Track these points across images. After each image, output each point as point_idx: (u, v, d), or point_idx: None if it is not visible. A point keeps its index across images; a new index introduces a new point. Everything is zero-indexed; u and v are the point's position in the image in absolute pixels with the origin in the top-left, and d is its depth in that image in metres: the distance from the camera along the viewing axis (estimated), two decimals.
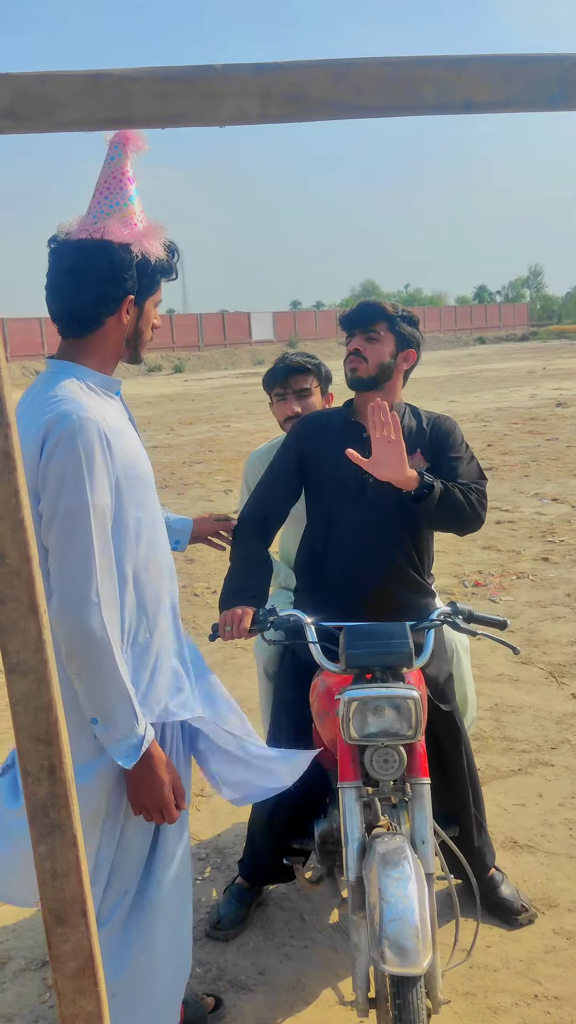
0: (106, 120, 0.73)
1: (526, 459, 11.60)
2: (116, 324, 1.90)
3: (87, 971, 0.88)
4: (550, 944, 2.68)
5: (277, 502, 2.66)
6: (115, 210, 1.85)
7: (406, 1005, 1.82)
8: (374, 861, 1.93)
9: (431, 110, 0.74)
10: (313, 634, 2.28)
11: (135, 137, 1.85)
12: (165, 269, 1.95)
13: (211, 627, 2.38)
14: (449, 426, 2.64)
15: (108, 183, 1.86)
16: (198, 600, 6.32)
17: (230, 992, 2.55)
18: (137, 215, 1.88)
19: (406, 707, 2.07)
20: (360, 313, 2.58)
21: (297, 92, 0.73)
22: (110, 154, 1.85)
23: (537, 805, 3.45)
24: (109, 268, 1.84)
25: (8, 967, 2.71)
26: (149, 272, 1.90)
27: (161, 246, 1.91)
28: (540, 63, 0.75)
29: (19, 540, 0.79)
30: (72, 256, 1.85)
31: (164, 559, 2.01)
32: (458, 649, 2.96)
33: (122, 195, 1.86)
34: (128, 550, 1.85)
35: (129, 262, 1.85)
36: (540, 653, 5.00)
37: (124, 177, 1.86)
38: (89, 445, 1.73)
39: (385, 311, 2.55)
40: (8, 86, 0.72)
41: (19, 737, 0.82)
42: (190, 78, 0.73)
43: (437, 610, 2.37)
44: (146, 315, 1.97)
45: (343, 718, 2.08)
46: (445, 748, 2.61)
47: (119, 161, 1.85)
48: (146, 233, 1.88)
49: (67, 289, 1.87)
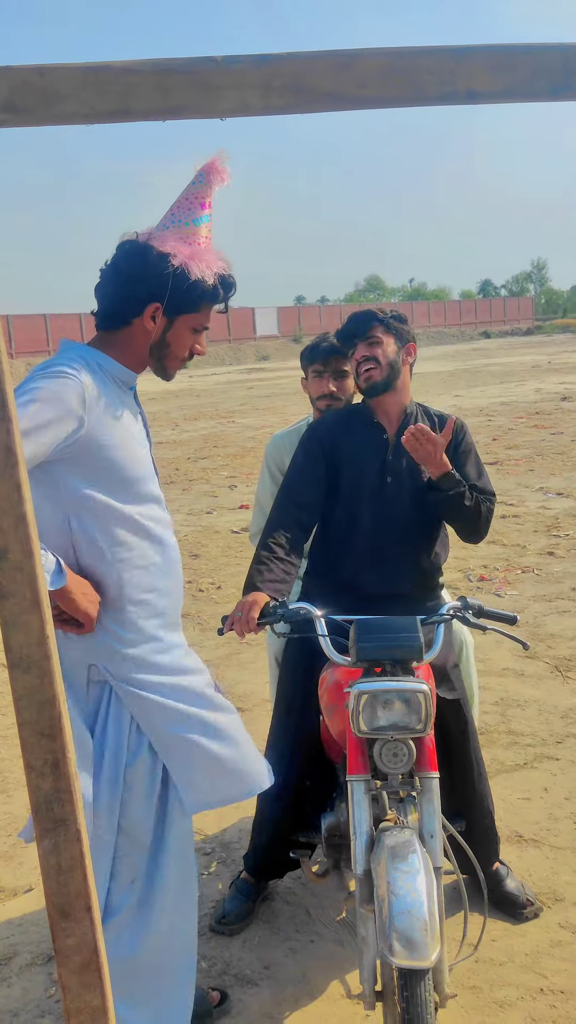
0: (106, 113, 0.73)
1: (531, 453, 11.58)
2: (141, 327, 1.95)
3: (92, 965, 0.88)
4: (556, 938, 2.68)
5: (308, 506, 2.66)
6: (177, 226, 1.92)
7: (414, 998, 1.82)
8: (383, 854, 1.94)
9: (433, 101, 0.74)
10: (323, 627, 2.29)
11: (221, 169, 1.92)
12: (207, 294, 1.95)
13: (220, 619, 2.37)
14: (462, 433, 2.72)
15: (181, 203, 1.94)
16: (203, 596, 6.32)
17: (235, 986, 2.56)
18: (199, 238, 1.94)
19: (416, 700, 2.07)
20: (355, 324, 2.66)
21: (298, 83, 0.73)
22: (193, 180, 1.93)
23: (543, 799, 3.44)
24: (140, 269, 1.89)
25: (14, 962, 2.72)
26: (185, 288, 1.91)
27: (210, 271, 1.93)
28: (543, 53, 0.74)
29: (21, 535, 0.79)
30: (118, 254, 1.94)
31: (160, 559, 2.02)
32: (466, 642, 2.98)
33: (189, 215, 1.93)
34: (95, 523, 1.88)
35: (161, 270, 1.88)
36: (545, 647, 4.99)
37: (198, 202, 1.93)
38: (56, 390, 1.76)
39: (376, 315, 2.64)
40: (8, 79, 0.71)
41: (23, 732, 0.82)
42: (191, 70, 0.73)
43: (447, 604, 2.37)
44: (176, 330, 1.98)
45: (353, 711, 2.08)
46: (453, 738, 2.61)
47: (198, 187, 1.93)
48: (197, 253, 1.92)
49: (104, 282, 1.96)
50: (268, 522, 2.63)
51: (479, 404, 17.79)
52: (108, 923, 1.94)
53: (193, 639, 5.42)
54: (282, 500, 2.65)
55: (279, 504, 2.65)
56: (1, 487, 0.77)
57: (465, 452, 2.69)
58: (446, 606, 2.37)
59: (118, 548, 1.92)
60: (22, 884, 3.12)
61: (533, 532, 7.62)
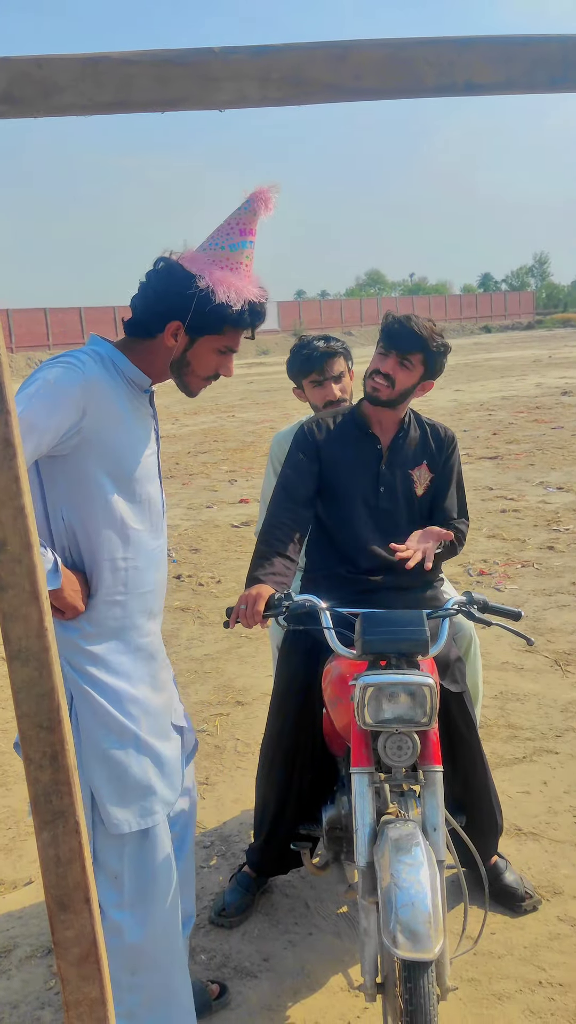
0: (105, 104, 0.73)
1: (531, 448, 11.58)
2: (162, 343, 1.97)
3: (90, 957, 0.88)
4: (554, 931, 2.69)
5: (306, 502, 2.67)
6: (214, 249, 1.94)
7: (417, 990, 1.83)
8: (386, 847, 1.94)
9: (432, 92, 0.73)
10: (328, 620, 2.29)
11: (268, 199, 1.93)
12: (231, 317, 1.94)
13: (225, 611, 2.38)
14: (451, 447, 2.79)
15: (222, 228, 1.95)
16: (203, 590, 6.33)
17: (235, 979, 2.57)
18: (233, 263, 1.94)
19: (421, 694, 2.07)
20: (404, 338, 2.60)
21: (296, 75, 0.73)
22: (241, 205, 1.94)
23: (542, 793, 3.45)
24: (165, 286, 1.93)
25: (14, 954, 2.73)
26: (208, 310, 1.91)
27: (238, 296, 1.92)
28: (542, 44, 0.74)
29: (20, 527, 0.79)
30: (152, 269, 1.97)
31: (147, 565, 2.02)
32: (474, 637, 2.99)
33: (227, 240, 1.94)
34: (97, 511, 1.89)
35: (184, 289, 1.90)
36: (545, 641, 5.00)
37: (238, 228, 1.94)
38: (63, 381, 1.78)
39: (427, 345, 2.59)
40: (6, 70, 0.71)
41: (21, 725, 0.82)
42: (189, 61, 0.73)
43: (452, 599, 2.38)
44: (198, 351, 1.99)
45: (358, 704, 2.09)
46: (456, 731, 2.61)
47: (242, 215, 1.94)
48: (227, 278, 1.92)
49: (138, 294, 1.99)
50: (267, 518, 2.64)
51: (479, 399, 17.77)
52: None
53: (193, 633, 5.43)
54: (280, 497, 2.66)
55: (277, 501, 2.66)
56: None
57: (451, 468, 2.77)
58: (451, 600, 2.37)
59: (101, 544, 1.91)
60: (22, 877, 3.13)
61: (533, 527, 7.62)
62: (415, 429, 2.74)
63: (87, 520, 1.89)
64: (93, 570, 1.92)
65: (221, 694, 4.55)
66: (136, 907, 1.97)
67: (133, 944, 1.96)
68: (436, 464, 2.72)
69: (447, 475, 2.74)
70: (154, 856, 2.00)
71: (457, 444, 2.81)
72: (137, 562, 1.98)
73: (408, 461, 2.69)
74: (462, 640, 2.95)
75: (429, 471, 2.70)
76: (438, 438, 2.75)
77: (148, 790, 1.98)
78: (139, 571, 1.99)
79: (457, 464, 2.79)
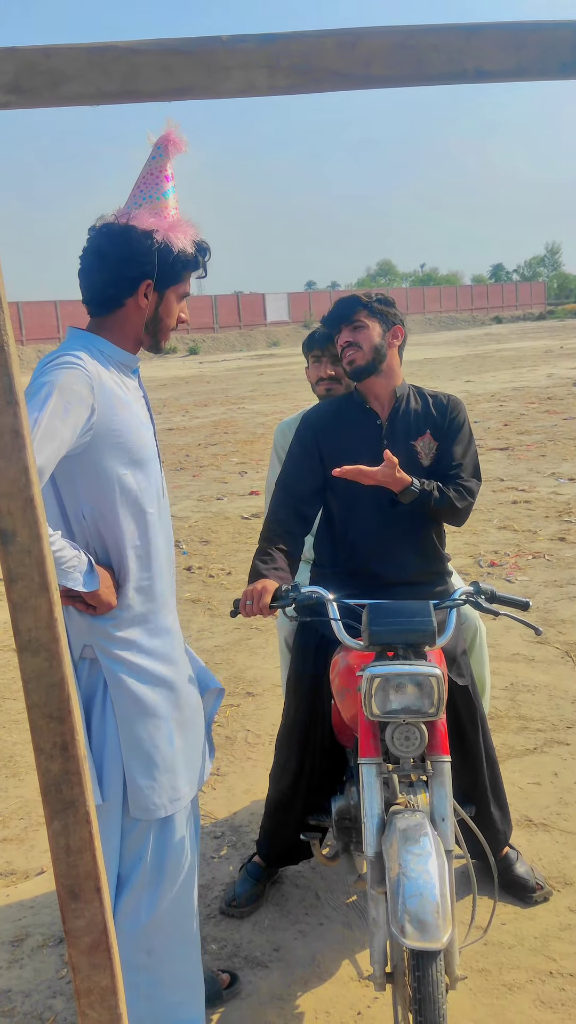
0: (112, 94, 0.73)
1: (543, 439, 11.53)
2: (135, 306, 1.99)
3: (101, 946, 0.88)
4: (565, 922, 2.69)
5: (306, 496, 2.67)
6: (148, 202, 1.96)
7: (426, 979, 1.83)
8: (394, 837, 1.95)
9: (441, 79, 0.73)
10: (335, 611, 2.29)
11: (176, 139, 1.97)
12: (190, 262, 2.02)
13: (232, 603, 2.38)
14: (456, 409, 2.71)
15: (146, 179, 1.97)
16: (213, 581, 6.34)
17: (245, 968, 2.58)
18: (170, 209, 1.98)
19: (428, 684, 2.07)
20: (339, 309, 2.68)
21: (305, 63, 0.72)
22: (152, 154, 1.97)
23: (552, 784, 3.45)
24: (128, 250, 1.93)
25: (26, 943, 2.75)
26: (171, 261, 1.97)
27: (188, 240, 1.99)
28: (553, 30, 0.73)
29: (29, 519, 0.79)
30: (98, 239, 1.97)
31: (163, 547, 2.07)
32: (480, 628, 2.98)
33: (157, 190, 1.97)
34: (110, 499, 1.92)
35: (148, 247, 1.93)
36: (556, 632, 4.99)
37: (162, 175, 1.97)
38: (72, 382, 1.79)
39: (359, 300, 2.65)
40: (13, 60, 0.71)
41: (31, 715, 0.83)
42: (196, 50, 0.72)
43: (460, 589, 2.37)
44: (167, 303, 2.04)
45: (365, 694, 2.09)
46: (463, 724, 2.62)
47: (160, 161, 1.97)
48: (174, 225, 1.97)
49: (91, 269, 1.98)
50: (268, 515, 2.66)
51: (490, 389, 17.71)
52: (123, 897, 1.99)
53: (203, 625, 5.44)
54: (280, 492, 2.67)
55: (277, 496, 2.67)
56: (9, 470, 0.77)
57: (456, 428, 2.68)
58: (459, 591, 2.37)
59: (124, 534, 1.95)
60: (34, 867, 3.15)
61: (544, 518, 7.59)
62: (415, 400, 2.71)
63: (108, 512, 1.92)
64: (120, 560, 1.96)
65: (232, 685, 4.56)
66: (151, 887, 2.02)
67: (148, 923, 2.01)
68: (441, 429, 2.66)
69: (452, 435, 2.67)
70: (172, 837, 2.04)
71: (463, 407, 2.74)
72: (157, 544, 2.03)
73: (411, 432, 2.65)
74: (467, 631, 2.94)
75: (434, 439, 2.65)
76: (440, 405, 2.70)
77: (177, 774, 2.03)
78: (159, 553, 2.04)
79: (464, 424, 2.71)
